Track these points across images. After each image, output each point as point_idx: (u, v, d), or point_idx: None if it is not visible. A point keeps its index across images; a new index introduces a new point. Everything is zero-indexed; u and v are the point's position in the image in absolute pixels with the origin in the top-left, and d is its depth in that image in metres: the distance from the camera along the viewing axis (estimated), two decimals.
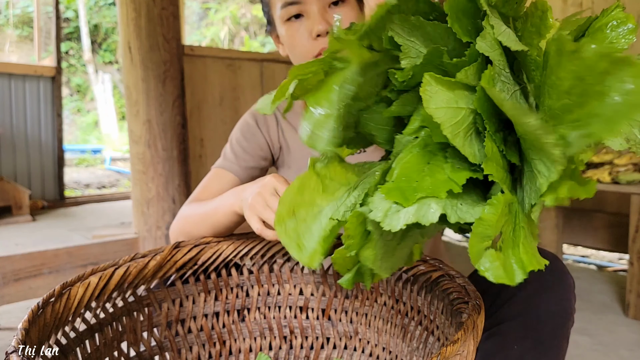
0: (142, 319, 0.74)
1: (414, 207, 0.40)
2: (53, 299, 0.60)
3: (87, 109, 10.31)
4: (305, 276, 0.84)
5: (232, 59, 2.26)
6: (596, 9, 2.40)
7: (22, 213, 3.24)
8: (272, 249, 0.82)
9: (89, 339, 0.66)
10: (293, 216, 0.50)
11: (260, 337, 0.83)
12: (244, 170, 0.92)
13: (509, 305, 0.71)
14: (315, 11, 0.80)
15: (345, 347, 0.82)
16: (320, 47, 0.82)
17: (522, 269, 0.40)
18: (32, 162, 3.70)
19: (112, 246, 1.85)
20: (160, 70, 1.84)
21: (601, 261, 2.66)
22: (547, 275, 0.70)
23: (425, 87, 0.40)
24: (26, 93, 3.66)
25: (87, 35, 9.90)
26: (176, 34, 1.90)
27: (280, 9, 0.82)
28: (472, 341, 0.51)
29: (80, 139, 9.39)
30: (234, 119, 2.29)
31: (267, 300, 0.84)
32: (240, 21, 10.09)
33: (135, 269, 0.70)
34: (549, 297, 0.69)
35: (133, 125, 1.88)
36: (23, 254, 1.63)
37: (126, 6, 1.81)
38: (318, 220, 0.49)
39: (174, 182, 1.91)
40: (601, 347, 1.54)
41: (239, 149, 0.93)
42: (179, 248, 0.76)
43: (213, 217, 0.79)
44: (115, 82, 10.39)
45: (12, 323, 1.72)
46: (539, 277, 0.70)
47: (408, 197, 0.40)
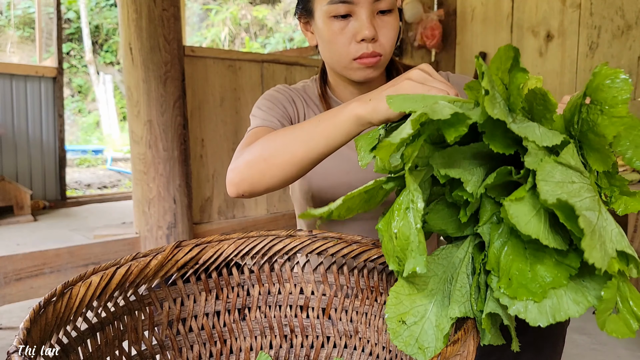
0: (144, 318, 0.74)
1: (550, 300, 0.45)
2: (54, 299, 0.60)
3: (89, 110, 10.32)
4: (306, 275, 0.84)
5: (233, 59, 2.27)
6: (595, 10, 2.40)
7: (24, 213, 3.25)
8: (273, 248, 0.82)
9: (90, 338, 0.66)
10: (404, 325, 0.54)
11: (260, 336, 0.84)
12: (280, 123, 0.89)
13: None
14: (364, 15, 0.81)
15: (345, 346, 0.83)
16: (362, 51, 0.83)
17: (637, 320, 0.46)
18: (34, 163, 3.71)
19: (114, 246, 1.86)
20: (161, 71, 1.85)
21: None
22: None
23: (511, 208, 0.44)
24: (28, 94, 3.67)
25: (88, 36, 9.91)
26: (177, 35, 1.90)
27: (328, 4, 0.82)
28: (472, 341, 0.51)
29: (81, 140, 9.40)
30: (235, 119, 2.29)
31: (267, 299, 0.84)
32: (241, 22, 10.10)
33: (137, 269, 0.71)
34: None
35: (134, 126, 1.89)
36: (24, 253, 1.64)
37: (127, 7, 1.82)
38: (427, 319, 0.53)
39: (175, 182, 1.92)
40: (600, 346, 1.54)
41: (268, 106, 0.92)
42: (180, 247, 0.77)
43: (314, 136, 0.68)
44: (116, 83, 10.40)
45: (13, 322, 1.73)
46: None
47: (536, 292, 0.44)
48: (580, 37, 2.46)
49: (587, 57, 2.44)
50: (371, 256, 0.78)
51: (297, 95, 0.97)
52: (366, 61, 0.83)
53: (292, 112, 0.95)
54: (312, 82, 1.02)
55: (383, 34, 0.83)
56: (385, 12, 0.83)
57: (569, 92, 2.50)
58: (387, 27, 0.84)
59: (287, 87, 0.99)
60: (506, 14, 2.74)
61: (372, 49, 0.82)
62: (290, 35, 9.59)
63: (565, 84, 2.53)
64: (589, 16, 2.42)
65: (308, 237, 0.81)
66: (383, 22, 0.84)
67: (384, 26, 0.83)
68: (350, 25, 0.82)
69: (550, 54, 2.58)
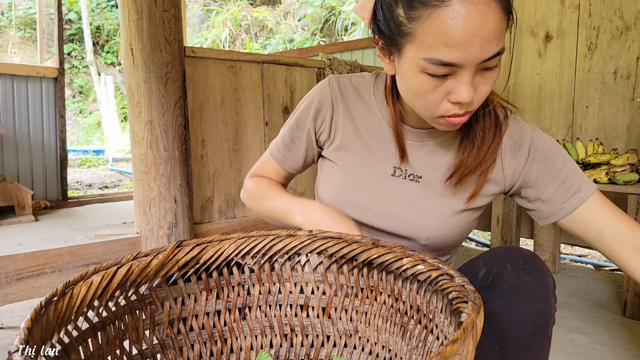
0: (145, 317, 0.75)
1: None
2: (56, 298, 0.61)
3: (90, 110, 10.33)
4: (306, 275, 0.85)
5: (233, 60, 2.27)
6: (593, 11, 2.40)
7: (25, 213, 3.26)
8: (273, 248, 0.82)
9: (91, 337, 0.66)
10: None
11: (261, 335, 0.84)
12: (291, 165, 1.01)
13: (488, 306, 0.71)
14: (466, 78, 0.67)
15: (345, 345, 0.83)
16: (454, 112, 0.71)
17: None
18: (35, 163, 3.71)
19: (115, 245, 1.86)
20: (162, 72, 1.85)
21: (598, 261, 2.66)
22: (524, 275, 0.70)
23: None
24: (29, 94, 3.68)
25: (90, 36, 9.92)
26: (178, 36, 1.90)
27: (425, 60, 0.66)
28: (471, 341, 0.52)
29: (82, 140, 9.41)
30: (235, 119, 2.30)
31: (267, 298, 0.85)
32: (241, 23, 10.10)
33: (138, 268, 0.71)
34: (526, 298, 0.68)
35: (135, 126, 1.89)
36: (26, 253, 1.64)
37: (128, 8, 1.82)
38: None
39: (176, 182, 1.92)
40: (599, 345, 1.54)
41: (296, 124, 0.96)
42: (181, 247, 0.77)
43: (278, 217, 0.92)
44: (117, 84, 10.40)
45: (14, 322, 1.73)
46: (516, 277, 0.70)
47: None
48: (579, 38, 2.46)
49: (586, 57, 2.44)
50: (371, 256, 0.78)
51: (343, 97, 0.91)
52: (455, 121, 0.72)
53: (319, 126, 0.94)
54: (371, 81, 0.92)
55: (480, 90, 0.70)
56: (492, 68, 0.68)
57: (568, 92, 2.51)
58: (487, 83, 0.70)
59: (337, 85, 0.92)
60: None
61: (465, 109, 0.71)
62: (290, 36, 9.59)
63: (564, 85, 2.53)
64: (587, 17, 2.42)
65: (308, 236, 0.82)
66: (484, 79, 0.69)
67: (484, 82, 0.69)
68: (447, 84, 0.68)
69: (549, 55, 2.58)
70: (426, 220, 0.86)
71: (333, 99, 0.91)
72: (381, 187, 0.88)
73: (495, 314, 0.69)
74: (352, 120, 0.91)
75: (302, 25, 9.66)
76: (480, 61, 0.65)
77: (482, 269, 0.73)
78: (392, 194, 0.87)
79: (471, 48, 0.63)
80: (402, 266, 0.75)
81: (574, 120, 2.51)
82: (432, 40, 0.64)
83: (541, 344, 0.69)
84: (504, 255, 0.73)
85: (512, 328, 0.68)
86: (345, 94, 0.92)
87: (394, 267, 0.76)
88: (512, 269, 0.70)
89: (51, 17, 8.46)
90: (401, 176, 0.87)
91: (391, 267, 0.77)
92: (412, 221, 0.87)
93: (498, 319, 0.69)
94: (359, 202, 0.88)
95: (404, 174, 0.87)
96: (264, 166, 1.03)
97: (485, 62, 0.66)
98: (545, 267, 0.72)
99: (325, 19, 9.29)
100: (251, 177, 1.04)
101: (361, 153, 0.90)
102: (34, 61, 9.23)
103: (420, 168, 0.87)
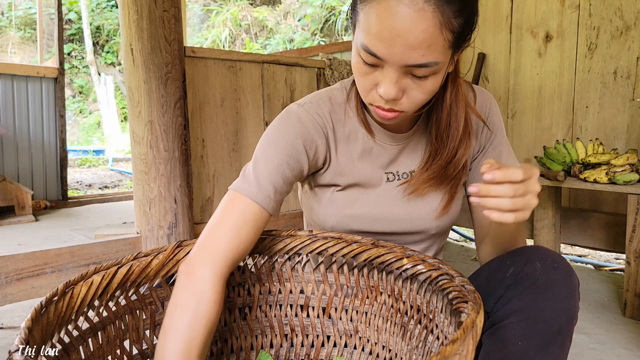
0: (145, 317, 0.75)
1: None
2: (56, 298, 0.61)
3: (90, 110, 10.33)
4: (306, 275, 0.85)
5: (233, 60, 2.27)
6: (593, 11, 2.40)
7: (25, 213, 3.26)
8: (273, 248, 0.82)
9: (91, 337, 0.66)
10: None
11: (261, 335, 0.84)
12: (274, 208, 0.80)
13: (515, 303, 0.71)
14: (390, 76, 0.69)
15: (345, 345, 0.83)
16: (379, 103, 0.73)
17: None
18: (35, 163, 3.71)
19: (115, 245, 1.86)
20: (162, 72, 1.85)
21: (598, 261, 2.66)
22: (554, 274, 0.71)
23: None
24: (29, 94, 3.68)
25: (90, 36, 9.93)
26: (178, 36, 1.90)
27: (361, 46, 0.69)
28: (471, 340, 0.52)
29: (82, 140, 9.41)
30: (235, 119, 2.30)
31: (268, 298, 0.85)
32: (241, 23, 10.11)
33: (138, 268, 0.71)
34: (554, 296, 0.69)
35: (135, 126, 1.89)
36: (26, 253, 1.64)
37: (128, 8, 1.82)
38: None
39: (176, 182, 1.92)
40: (598, 345, 1.54)
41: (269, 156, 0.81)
42: (181, 247, 0.77)
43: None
44: (117, 84, 10.41)
45: (15, 322, 1.73)
46: (546, 275, 0.70)
47: None
48: (579, 38, 2.46)
49: (586, 57, 2.44)
50: (371, 256, 0.78)
51: (319, 121, 0.85)
52: (381, 113, 0.75)
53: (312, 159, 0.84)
54: (340, 91, 0.90)
55: (410, 95, 0.72)
56: (424, 77, 0.70)
57: (568, 92, 2.51)
58: (418, 90, 0.71)
59: (304, 114, 0.84)
60: (505, 14, 2.75)
61: (390, 106, 0.72)
62: (290, 36, 9.59)
63: (564, 85, 2.54)
64: (587, 17, 2.42)
65: (308, 237, 0.82)
66: (416, 85, 0.70)
67: (415, 88, 0.71)
68: (376, 75, 0.71)
69: (549, 55, 2.58)
70: (432, 209, 0.89)
71: (320, 125, 0.85)
72: (382, 195, 0.88)
73: (522, 310, 0.70)
74: (340, 140, 0.87)
75: (302, 25, 9.66)
76: (404, 64, 0.67)
77: (511, 267, 0.74)
78: (394, 198, 0.88)
79: (393, 47, 0.65)
80: (402, 266, 0.76)
81: (574, 120, 2.51)
82: (367, 27, 0.67)
83: (564, 342, 0.70)
84: (534, 254, 0.74)
85: (539, 325, 0.69)
86: (330, 117, 0.87)
87: (394, 267, 0.77)
88: (542, 267, 0.71)
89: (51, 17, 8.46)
90: (395, 179, 0.88)
91: (391, 267, 0.77)
92: (420, 216, 0.89)
93: (525, 315, 0.70)
94: (366, 215, 0.88)
95: (396, 175, 0.89)
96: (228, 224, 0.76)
97: (411, 67, 0.67)
98: (571, 267, 0.73)
99: (325, 19, 9.30)
100: (190, 268, 0.73)
101: (355, 170, 0.88)
102: (34, 61, 9.24)
103: (411, 163, 0.89)
